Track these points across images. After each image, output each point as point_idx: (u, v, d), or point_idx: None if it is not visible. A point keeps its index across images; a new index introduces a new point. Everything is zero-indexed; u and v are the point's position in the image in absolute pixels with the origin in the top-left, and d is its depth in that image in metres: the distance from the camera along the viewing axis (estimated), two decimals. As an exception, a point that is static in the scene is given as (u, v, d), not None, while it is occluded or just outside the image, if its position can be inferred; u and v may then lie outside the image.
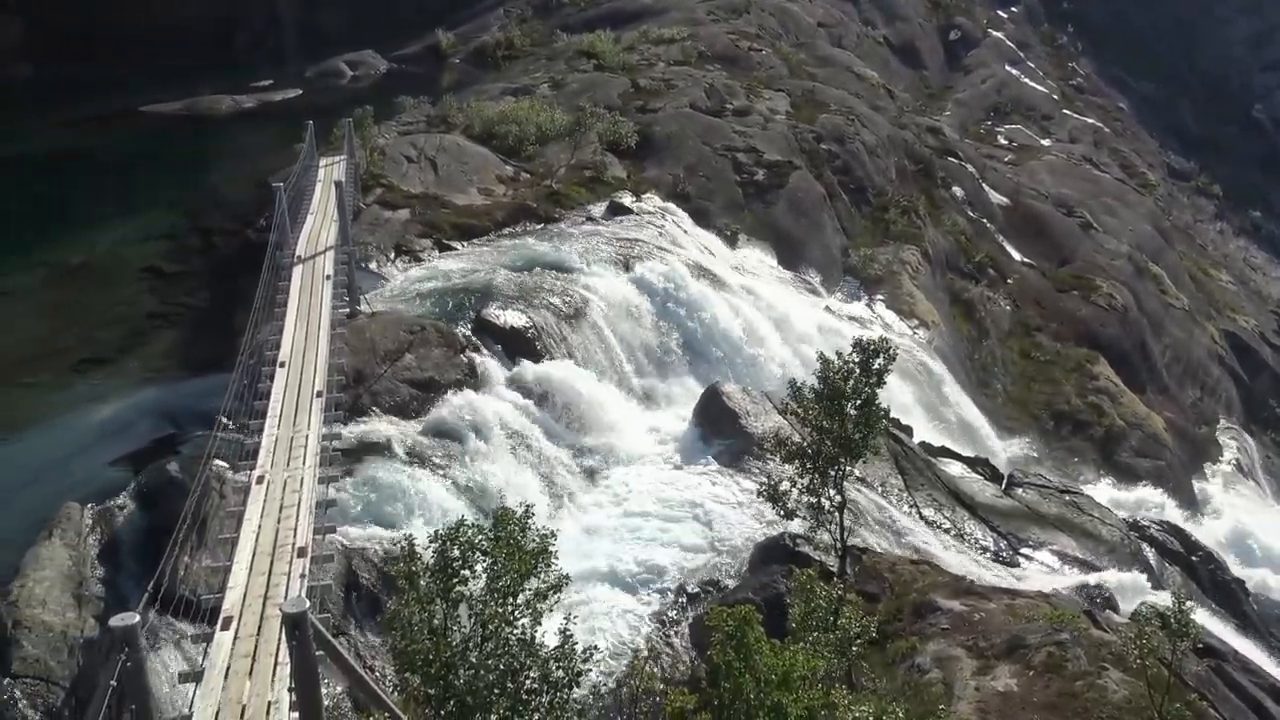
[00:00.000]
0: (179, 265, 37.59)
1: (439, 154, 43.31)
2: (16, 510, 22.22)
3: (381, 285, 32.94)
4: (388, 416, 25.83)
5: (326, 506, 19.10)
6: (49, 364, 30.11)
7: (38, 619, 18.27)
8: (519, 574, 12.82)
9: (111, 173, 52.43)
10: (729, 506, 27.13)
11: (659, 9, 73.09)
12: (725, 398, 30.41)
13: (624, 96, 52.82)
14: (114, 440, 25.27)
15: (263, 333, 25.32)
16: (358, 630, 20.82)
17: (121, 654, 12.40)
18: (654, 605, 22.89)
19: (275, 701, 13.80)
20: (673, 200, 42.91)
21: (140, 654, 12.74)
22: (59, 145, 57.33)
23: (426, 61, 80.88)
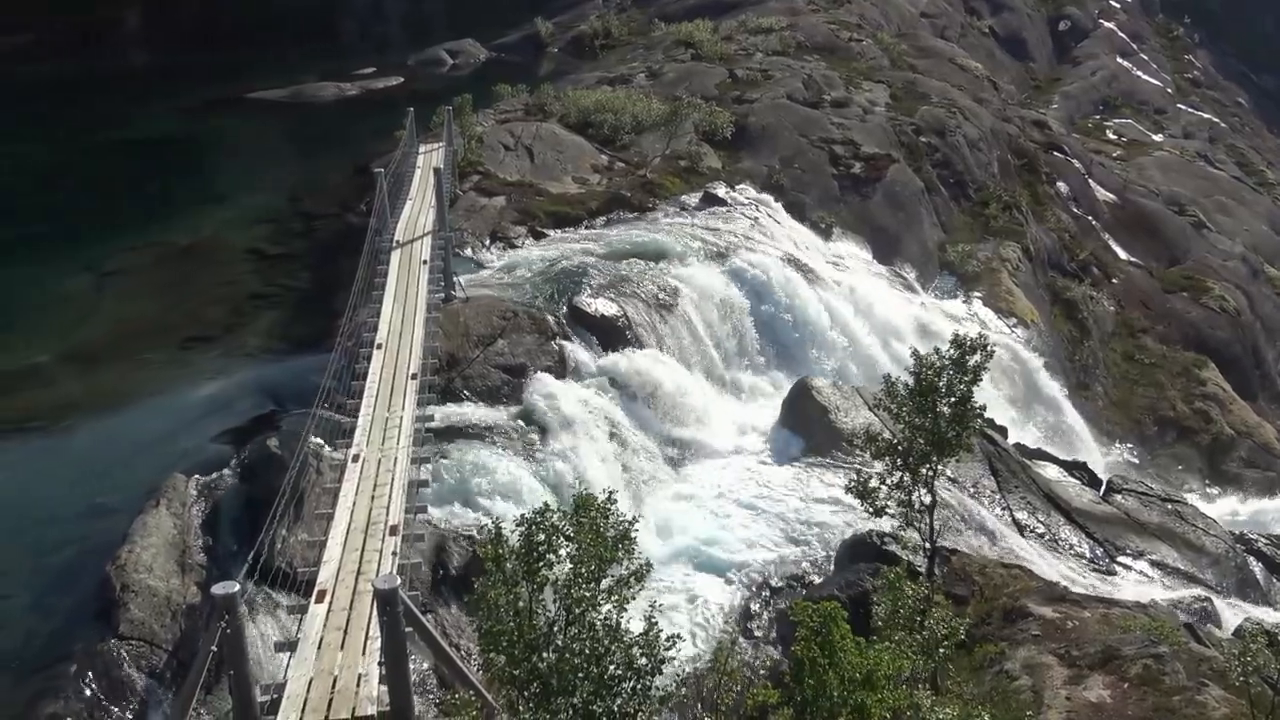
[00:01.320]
0: (281, 248, 38.71)
1: (535, 142, 43.71)
2: (127, 479, 23.12)
3: (476, 271, 33.40)
4: (479, 401, 26.20)
5: (418, 487, 19.51)
6: (159, 340, 31.28)
7: (144, 584, 19.01)
8: (600, 560, 12.89)
9: (220, 157, 54.30)
10: (815, 502, 26.89)
11: (758, -1, 72.45)
12: (815, 392, 30.09)
13: (721, 86, 52.57)
14: (218, 415, 26.11)
15: (361, 315, 25.93)
16: (445, 609, 21.19)
17: (222, 621, 12.85)
18: (737, 597, 22.82)
19: (365, 674, 14.15)
20: (767, 192, 42.60)
21: (240, 621, 13.20)
22: (171, 130, 59.51)
23: (525, 50, 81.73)
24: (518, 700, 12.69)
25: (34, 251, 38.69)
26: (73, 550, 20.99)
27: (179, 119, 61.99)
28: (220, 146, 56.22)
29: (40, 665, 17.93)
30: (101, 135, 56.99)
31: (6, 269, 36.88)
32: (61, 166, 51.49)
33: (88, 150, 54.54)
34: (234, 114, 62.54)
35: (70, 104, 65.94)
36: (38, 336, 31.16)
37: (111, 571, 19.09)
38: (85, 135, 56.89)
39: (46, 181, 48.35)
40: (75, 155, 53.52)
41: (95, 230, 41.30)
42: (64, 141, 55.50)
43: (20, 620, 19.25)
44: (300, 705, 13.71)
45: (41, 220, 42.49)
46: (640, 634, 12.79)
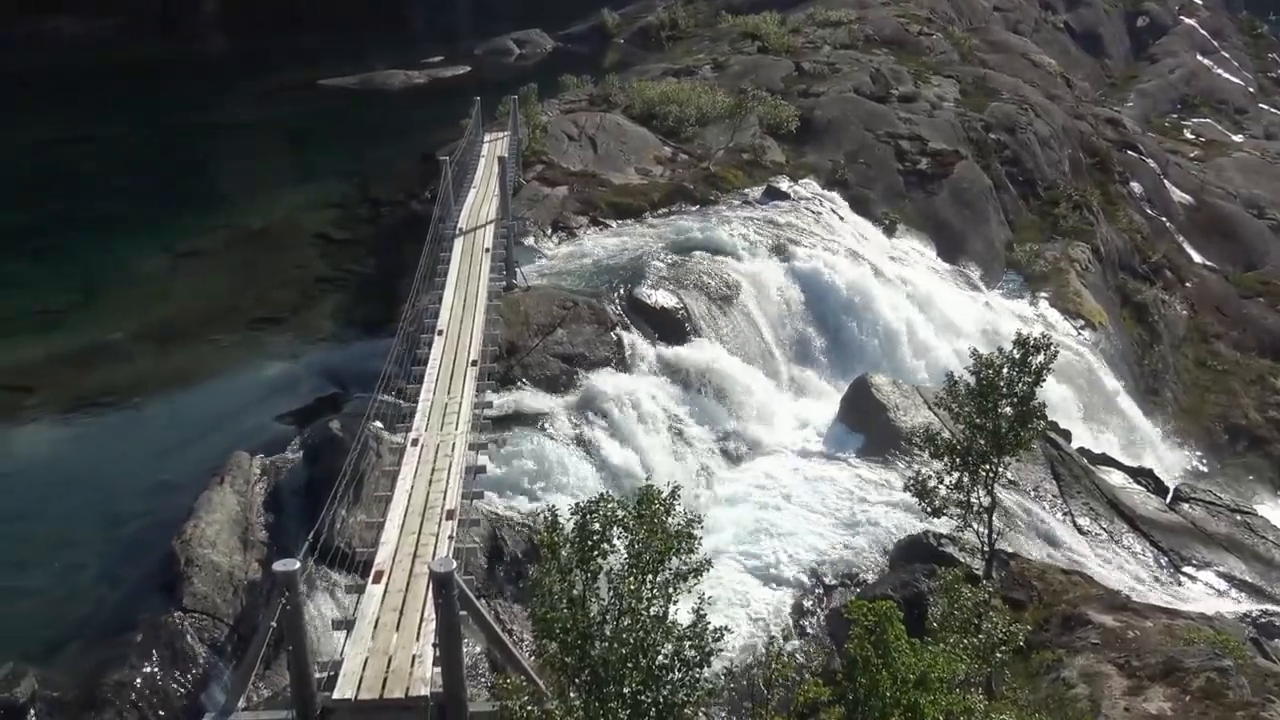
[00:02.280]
0: (348, 233, 39.32)
1: (599, 133, 43.80)
2: (193, 456, 23.73)
3: (537, 260, 33.61)
4: (537, 389, 26.36)
5: (476, 472, 19.74)
6: (228, 321, 32.00)
7: (207, 558, 19.48)
8: (660, 553, 12.91)
9: (291, 142, 55.25)
10: (871, 500, 26.65)
11: (827, -9, 71.67)
12: (874, 389, 29.81)
13: (787, 80, 52.18)
14: (282, 396, 26.67)
15: (423, 301, 26.27)
16: (498, 595, 21.40)
17: (282, 597, 13.13)
18: (790, 593, 22.72)
19: (419, 655, 14.38)
20: (831, 186, 42.22)
21: (299, 599, 13.48)
22: (246, 115, 60.69)
23: (591, 40, 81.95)
24: (568, 687, 12.78)
25: (114, 232, 39.82)
26: (141, 523, 21.60)
27: (253, 104, 63.22)
28: (292, 132, 57.20)
29: (108, 633, 18.47)
30: (180, 119, 58.39)
31: (89, 248, 38.02)
32: (142, 149, 52.87)
33: (167, 134, 55.95)
34: (306, 100, 63.61)
35: (151, 88, 67.62)
36: (115, 314, 32.07)
37: (177, 545, 19.58)
38: (165, 119, 58.33)
39: (127, 164, 49.68)
40: (155, 138, 54.93)
41: (172, 212, 42.36)
42: (144, 125, 56.96)
43: (91, 589, 19.87)
44: (355, 683, 13.98)
45: (122, 201, 43.70)
46: (689, 626, 12.80)
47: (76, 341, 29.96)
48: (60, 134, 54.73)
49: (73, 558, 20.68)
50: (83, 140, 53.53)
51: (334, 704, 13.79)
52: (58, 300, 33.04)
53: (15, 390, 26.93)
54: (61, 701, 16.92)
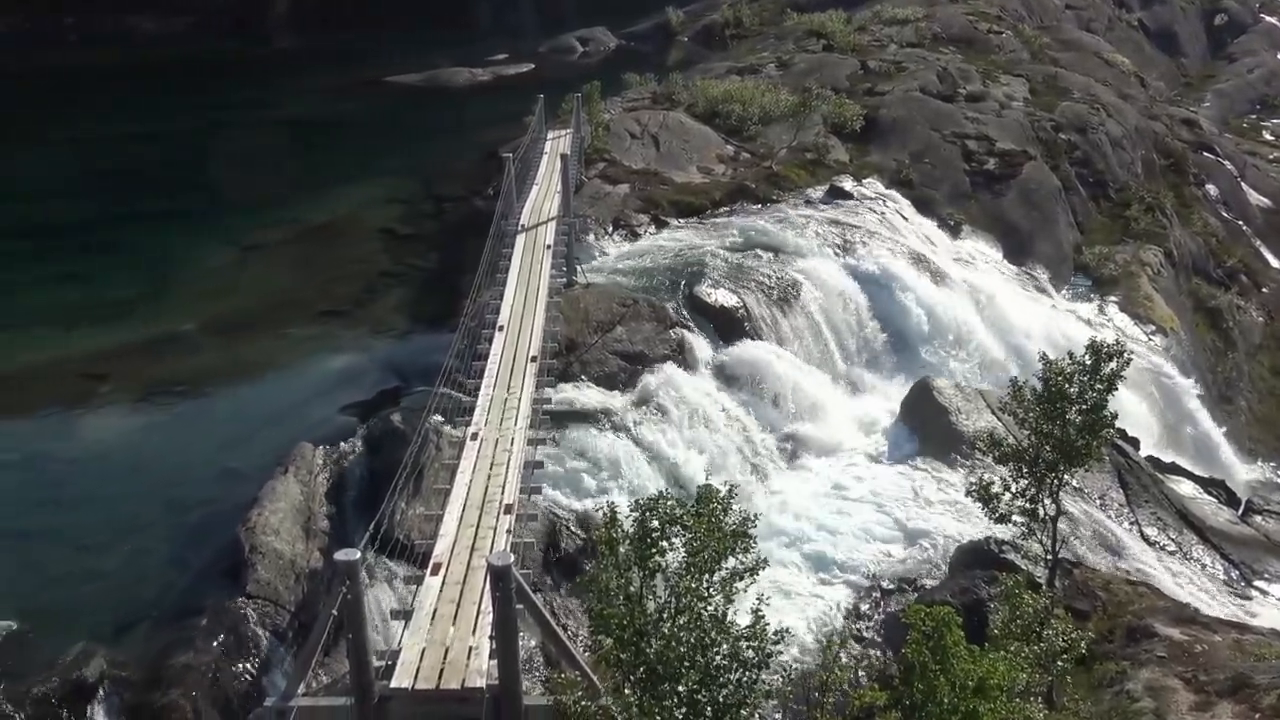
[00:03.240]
0: (411, 228, 39.75)
1: (662, 131, 43.78)
2: (258, 445, 24.16)
3: (598, 257, 33.69)
4: (596, 386, 26.43)
5: (534, 467, 19.83)
6: (294, 314, 32.53)
7: (270, 546, 19.83)
8: (717, 552, 12.85)
9: (358, 138, 56.05)
10: (931, 504, 26.29)
11: (894, -11, 70.84)
12: (936, 392, 29.39)
13: (852, 78, 51.71)
14: (345, 388, 27.04)
15: (484, 297, 26.48)
16: (554, 590, 21.49)
17: (343, 586, 13.29)
18: (847, 596, 22.51)
19: (475, 647, 14.49)
20: (895, 186, 41.73)
21: (359, 588, 13.64)
22: (312, 111, 61.74)
23: (655, 39, 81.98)
24: (623, 684, 12.77)
25: (184, 225, 40.74)
26: (207, 510, 22.05)
27: (322, 100, 64.28)
28: (359, 128, 58.04)
29: (175, 617, 18.90)
30: (251, 115, 59.54)
31: (160, 241, 38.95)
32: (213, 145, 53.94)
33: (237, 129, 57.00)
34: (372, 96, 64.47)
35: (223, 85, 69.09)
36: (185, 306, 32.77)
37: (241, 533, 19.97)
38: (236, 115, 59.52)
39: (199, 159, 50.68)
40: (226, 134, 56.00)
41: (242, 206, 43.15)
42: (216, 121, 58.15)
43: (159, 573, 20.34)
44: (413, 673, 14.13)
45: (193, 196, 44.67)
46: (747, 626, 12.72)
47: (148, 332, 30.67)
48: (136, 129, 56.16)
49: (142, 542, 21.18)
50: (156, 136, 54.87)
51: (391, 693, 13.94)
52: (130, 292, 33.86)
53: (89, 378, 27.64)
54: (129, 681, 17.35)
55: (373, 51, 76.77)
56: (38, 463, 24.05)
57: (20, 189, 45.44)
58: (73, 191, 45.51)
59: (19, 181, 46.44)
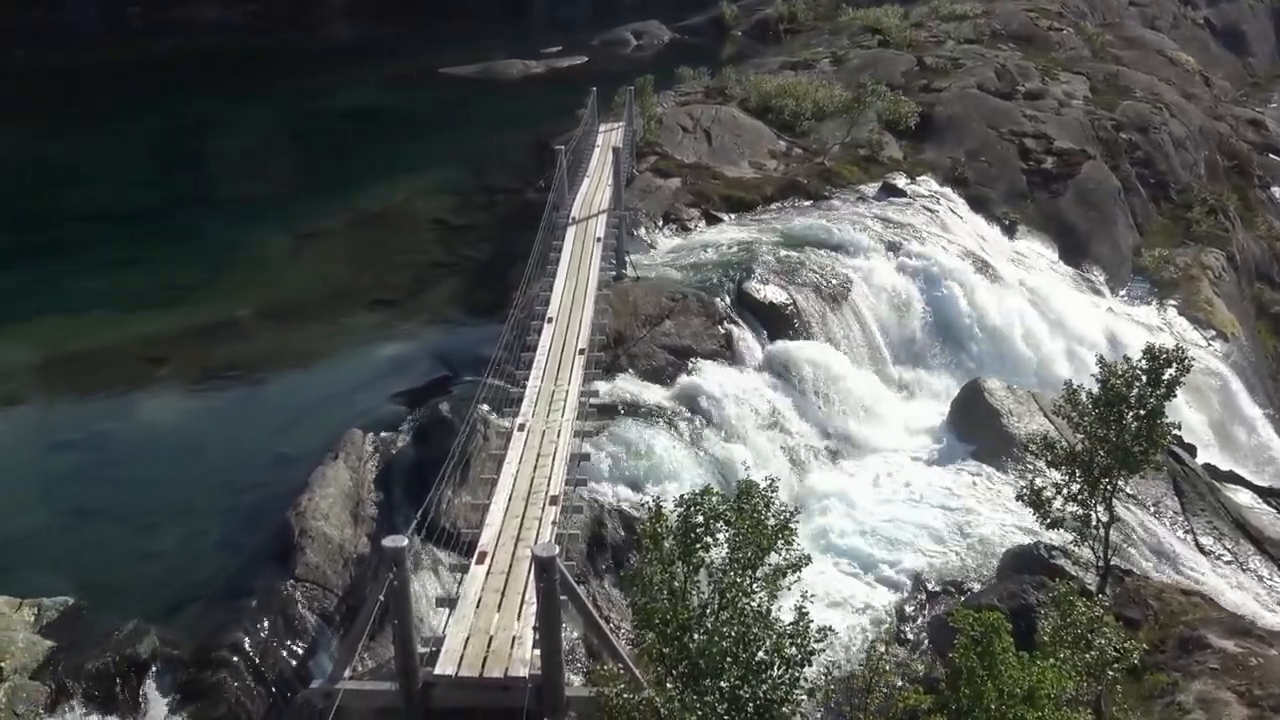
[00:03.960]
0: (463, 219, 40.04)
1: (714, 125, 43.64)
2: (309, 430, 24.50)
3: (648, 251, 33.68)
4: (644, 379, 26.42)
5: (580, 459, 19.90)
6: (347, 302, 32.94)
7: (320, 530, 20.10)
8: (760, 548, 12.81)
9: (412, 129, 56.52)
10: (980, 507, 25.92)
11: (953, -16, 69.90)
12: (987, 394, 28.98)
13: (907, 75, 51.17)
14: (396, 376, 27.33)
15: (534, 289, 26.60)
16: (597, 582, 21.54)
17: (390, 573, 13.44)
18: (892, 597, 22.28)
19: (519, 637, 14.58)
20: (949, 184, 41.26)
21: (406, 574, 13.79)
22: (370, 101, 62.35)
23: (709, 32, 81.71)
24: (665, 678, 12.77)
25: (241, 213, 41.40)
26: (259, 493, 22.42)
27: (377, 91, 64.91)
28: (413, 118, 58.51)
29: (225, 597, 19.24)
30: (308, 105, 60.36)
31: (217, 229, 39.63)
32: (270, 133, 54.80)
33: (294, 118, 57.89)
34: (427, 87, 64.95)
35: (282, 74, 70.02)
36: (241, 292, 33.32)
37: (292, 517, 20.25)
38: (294, 104, 60.37)
39: (256, 147, 51.55)
40: (283, 123, 56.88)
41: (298, 194, 43.83)
42: (272, 110, 59.05)
43: (211, 554, 20.72)
44: (457, 660, 14.26)
45: (250, 184, 45.39)
46: (790, 624, 12.66)
47: (204, 317, 31.23)
48: (197, 118, 57.12)
49: (195, 523, 21.59)
50: (216, 124, 55.79)
51: (436, 679, 14.09)
52: (188, 277, 34.49)
53: (148, 361, 28.22)
54: (180, 660, 17.69)
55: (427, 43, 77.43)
56: (98, 443, 24.62)
57: (87, 176, 46.54)
58: (137, 178, 46.50)
59: (86, 169, 47.55)
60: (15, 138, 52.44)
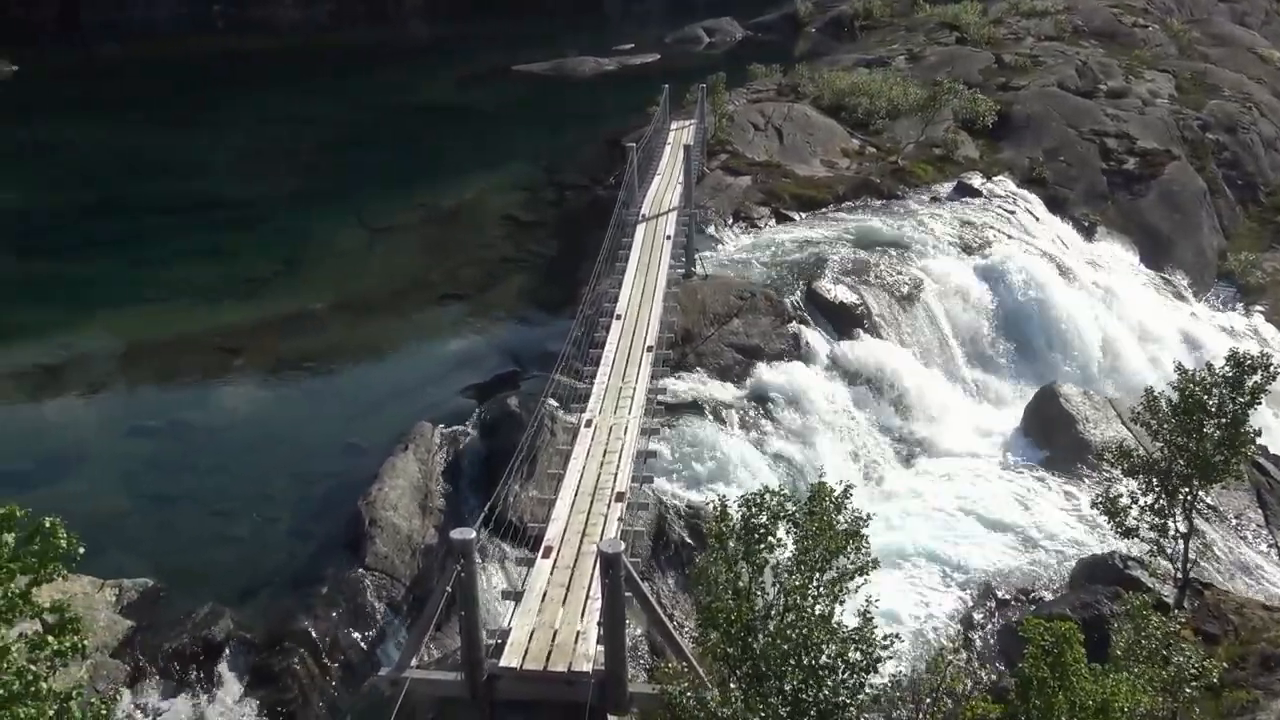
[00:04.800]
0: (533, 215, 40.34)
1: (786, 123, 43.33)
2: (379, 422, 24.91)
3: (717, 249, 33.57)
4: (711, 378, 26.36)
5: (646, 456, 19.92)
6: (417, 296, 33.41)
7: (389, 521, 20.41)
8: (828, 551, 12.69)
9: (485, 125, 57.10)
10: (1052, 515, 25.41)
11: (1034, -20, 68.47)
12: (1062, 400, 28.36)
13: (985, 72, 50.28)
14: (464, 370, 27.66)
15: (603, 285, 26.69)
16: (661, 579, 21.55)
17: (458, 564, 13.59)
18: (960, 604, 21.93)
19: (583, 632, 14.65)
20: (1027, 185, 40.45)
21: (473, 566, 13.93)
22: (443, 98, 63.19)
23: (782, 29, 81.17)
24: (729, 678, 12.72)
25: (318, 206, 42.27)
26: (330, 483, 22.85)
27: (451, 88, 65.75)
28: (486, 115, 59.11)
29: (297, 584, 19.64)
30: (384, 101, 61.33)
31: (298, 220, 40.55)
32: (346, 129, 55.82)
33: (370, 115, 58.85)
34: (500, 84, 65.59)
35: (359, 71, 71.30)
36: (315, 285, 33.98)
37: (362, 506, 20.60)
38: (369, 101, 61.38)
39: (332, 143, 52.56)
40: (359, 119, 57.88)
41: (373, 189, 44.58)
42: (350, 106, 60.09)
43: (283, 541, 21.18)
44: (521, 653, 14.38)
45: (326, 178, 46.36)
46: (855, 629, 12.52)
47: (279, 309, 31.90)
48: (275, 113, 58.43)
49: (269, 510, 22.08)
50: (296, 119, 56.98)
51: (500, 671, 14.22)
52: (265, 269, 35.28)
53: (224, 352, 28.92)
54: (252, 643, 18.11)
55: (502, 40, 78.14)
56: (178, 430, 25.31)
57: (172, 168, 47.92)
58: (219, 171, 47.72)
59: (172, 161, 48.94)
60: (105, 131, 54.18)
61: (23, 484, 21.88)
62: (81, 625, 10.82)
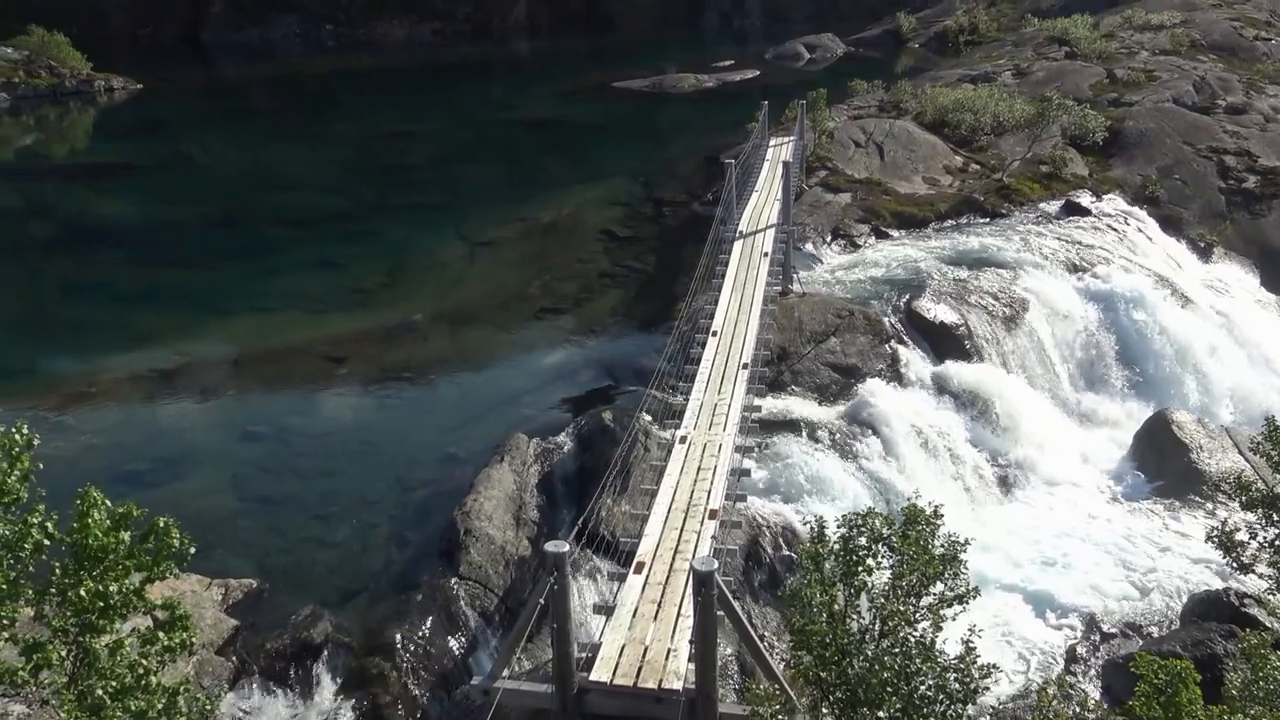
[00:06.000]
0: (630, 230, 40.56)
1: (887, 139, 42.78)
2: (476, 432, 25.25)
3: (815, 266, 33.27)
4: (806, 396, 26.08)
5: (740, 475, 19.77)
6: (516, 309, 33.86)
7: (483, 531, 20.65)
8: (925, 576, 12.41)
9: (584, 141, 57.80)
10: (1162, 547, 24.42)
11: (1149, -8, 66.52)
12: (1175, 427, 27.27)
13: (1096, 87, 48.91)
14: (560, 383, 27.89)
15: (699, 301, 26.66)
16: (752, 599, 21.34)
17: (551, 577, 13.66)
18: (1063, 637, 21.20)
19: (674, 649, 14.57)
20: (1139, 204, 39.12)
21: (567, 580, 13.98)
22: (543, 113, 64.12)
23: (884, 45, 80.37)
24: (821, 702, 12.52)
25: (426, 218, 43.34)
26: (427, 491, 23.23)
27: (553, 103, 66.70)
28: (586, 130, 59.80)
29: (393, 590, 19.99)
30: (487, 116, 62.62)
31: (403, 232, 41.59)
32: (451, 143, 57.12)
33: (474, 129, 60.11)
34: (600, 100, 66.30)
35: (464, 88, 72.91)
36: (417, 296, 34.73)
37: (458, 516, 20.87)
38: (474, 115, 62.69)
39: (438, 156, 53.81)
40: (464, 133, 59.18)
41: (475, 202, 45.46)
42: (455, 121, 61.47)
43: (381, 547, 21.59)
44: (611, 668, 14.37)
45: (431, 191, 47.46)
46: (955, 658, 12.20)
47: (383, 319, 32.67)
48: (385, 128, 60.10)
49: (367, 516, 22.54)
50: (403, 134, 58.52)
51: (590, 685, 14.23)
52: (371, 280, 36.19)
53: (330, 360, 29.72)
54: (349, 646, 18.47)
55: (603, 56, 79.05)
56: (284, 435, 26.07)
57: (286, 181, 49.71)
58: (329, 184, 49.30)
59: (285, 174, 50.76)
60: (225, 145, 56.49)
61: (139, 483, 22.79)
62: (190, 623, 11.22)
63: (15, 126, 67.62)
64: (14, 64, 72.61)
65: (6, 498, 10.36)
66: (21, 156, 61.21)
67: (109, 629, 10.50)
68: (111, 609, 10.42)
